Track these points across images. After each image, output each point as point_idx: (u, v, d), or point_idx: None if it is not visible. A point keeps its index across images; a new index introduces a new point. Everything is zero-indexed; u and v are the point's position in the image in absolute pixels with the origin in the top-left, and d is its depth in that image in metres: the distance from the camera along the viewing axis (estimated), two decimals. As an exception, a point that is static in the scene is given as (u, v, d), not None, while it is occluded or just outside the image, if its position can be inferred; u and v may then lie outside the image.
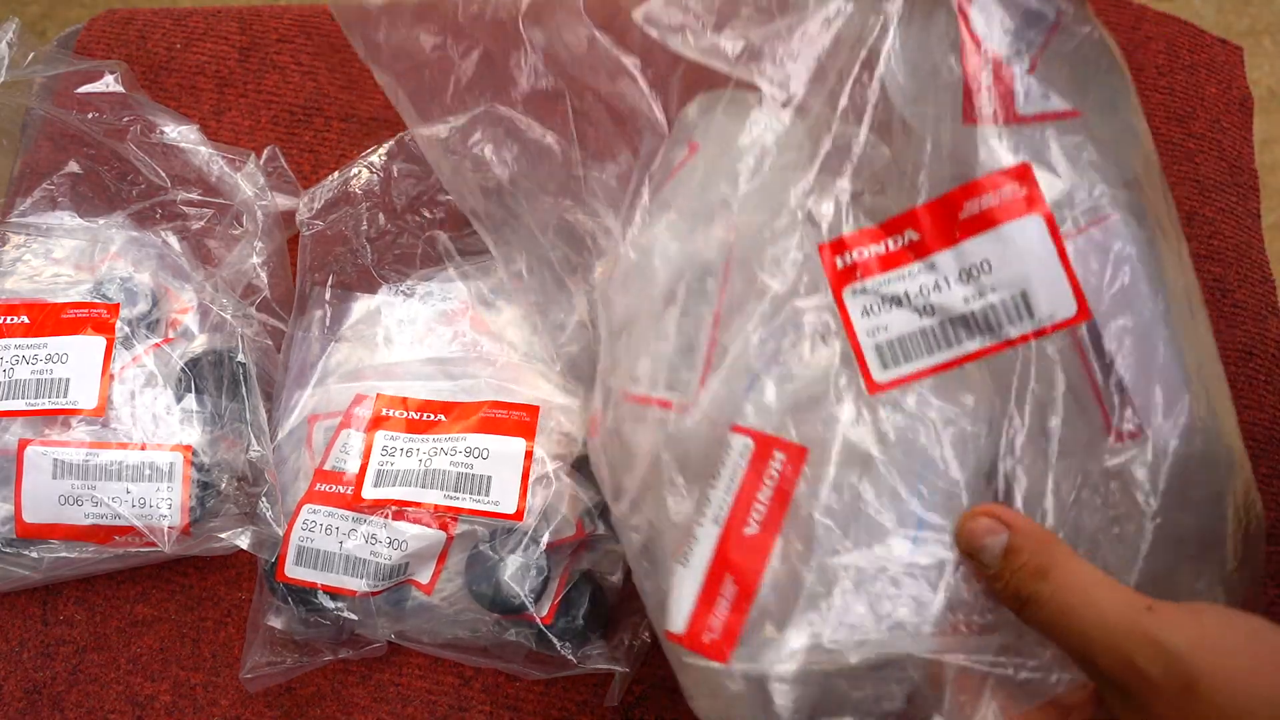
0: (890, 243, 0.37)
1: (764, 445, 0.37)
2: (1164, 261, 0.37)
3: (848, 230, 0.37)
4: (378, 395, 0.51)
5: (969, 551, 0.35)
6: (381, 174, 0.56)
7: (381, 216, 0.56)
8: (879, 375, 0.37)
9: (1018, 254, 0.35)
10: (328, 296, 0.55)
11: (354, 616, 0.49)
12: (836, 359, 0.37)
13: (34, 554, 0.50)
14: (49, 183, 0.57)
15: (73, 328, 0.51)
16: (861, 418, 0.37)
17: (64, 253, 0.54)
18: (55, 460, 0.49)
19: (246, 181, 0.57)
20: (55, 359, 0.51)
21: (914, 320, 0.36)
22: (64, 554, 0.50)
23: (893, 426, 0.37)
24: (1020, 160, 0.35)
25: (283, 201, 0.58)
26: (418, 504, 0.48)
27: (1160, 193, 0.38)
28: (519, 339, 0.53)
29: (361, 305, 0.55)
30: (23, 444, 0.49)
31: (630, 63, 0.45)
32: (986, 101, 0.36)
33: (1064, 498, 0.36)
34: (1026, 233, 0.35)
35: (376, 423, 0.50)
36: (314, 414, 0.52)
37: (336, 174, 0.57)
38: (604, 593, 0.49)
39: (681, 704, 0.50)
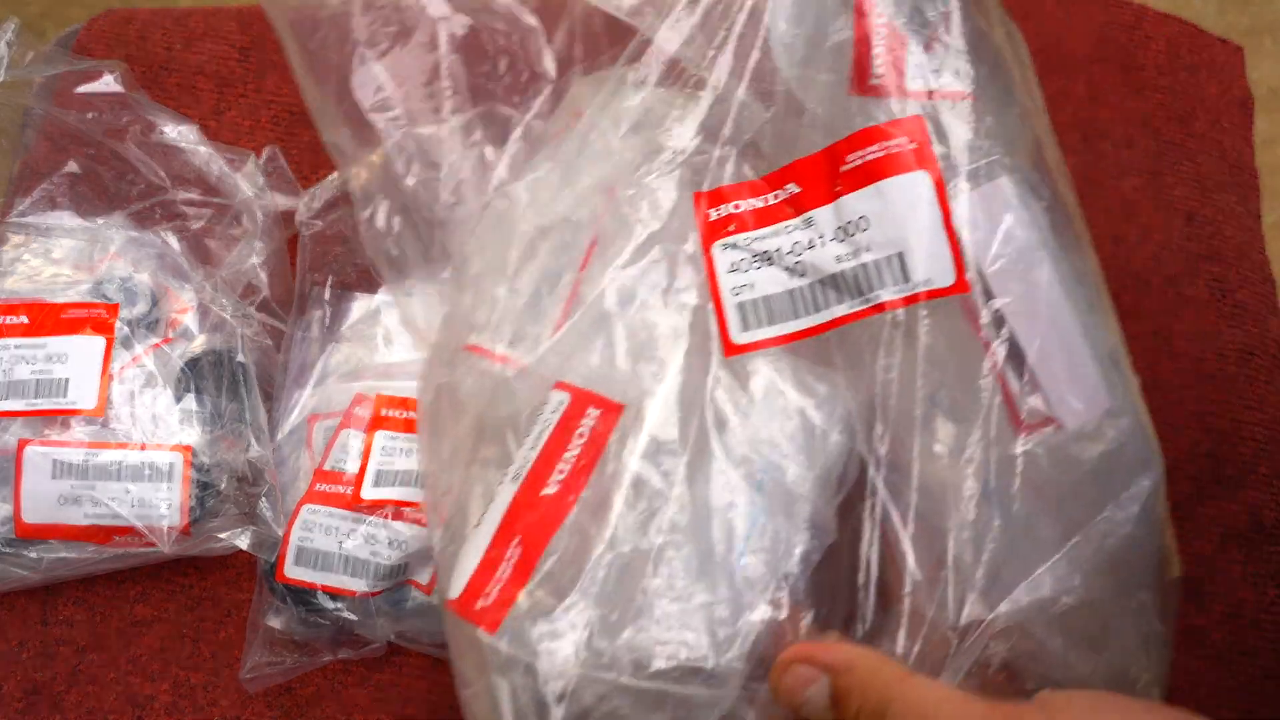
0: (771, 197, 0.34)
1: (579, 400, 0.33)
2: (1066, 240, 0.34)
3: (727, 181, 0.35)
4: (377, 395, 0.51)
5: (792, 710, 0.30)
6: (381, 174, 0.56)
7: (381, 216, 0.56)
8: (738, 336, 0.33)
9: (898, 212, 0.32)
10: (327, 296, 0.55)
11: (354, 617, 0.49)
12: (690, 316, 0.34)
13: (33, 554, 0.50)
14: (48, 182, 0.57)
15: (72, 328, 0.51)
16: (696, 385, 0.33)
17: (63, 253, 0.54)
18: (55, 460, 0.49)
19: (246, 181, 0.57)
20: (55, 359, 0.51)
21: (783, 280, 0.33)
22: (63, 554, 0.50)
23: (733, 402, 0.33)
24: (912, 114, 0.32)
25: (282, 201, 0.58)
26: (417, 504, 0.48)
27: (1065, 184, 0.35)
28: (519, 339, 0.52)
29: (361, 305, 0.55)
30: (22, 444, 0.49)
31: (530, 18, 0.40)
32: (877, 70, 0.33)
33: (960, 497, 0.31)
34: (911, 190, 0.32)
35: (376, 423, 0.50)
36: (314, 414, 0.52)
37: (335, 174, 0.56)
38: (604, 593, 0.49)
39: (681, 704, 0.50)
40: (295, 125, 0.62)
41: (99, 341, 0.51)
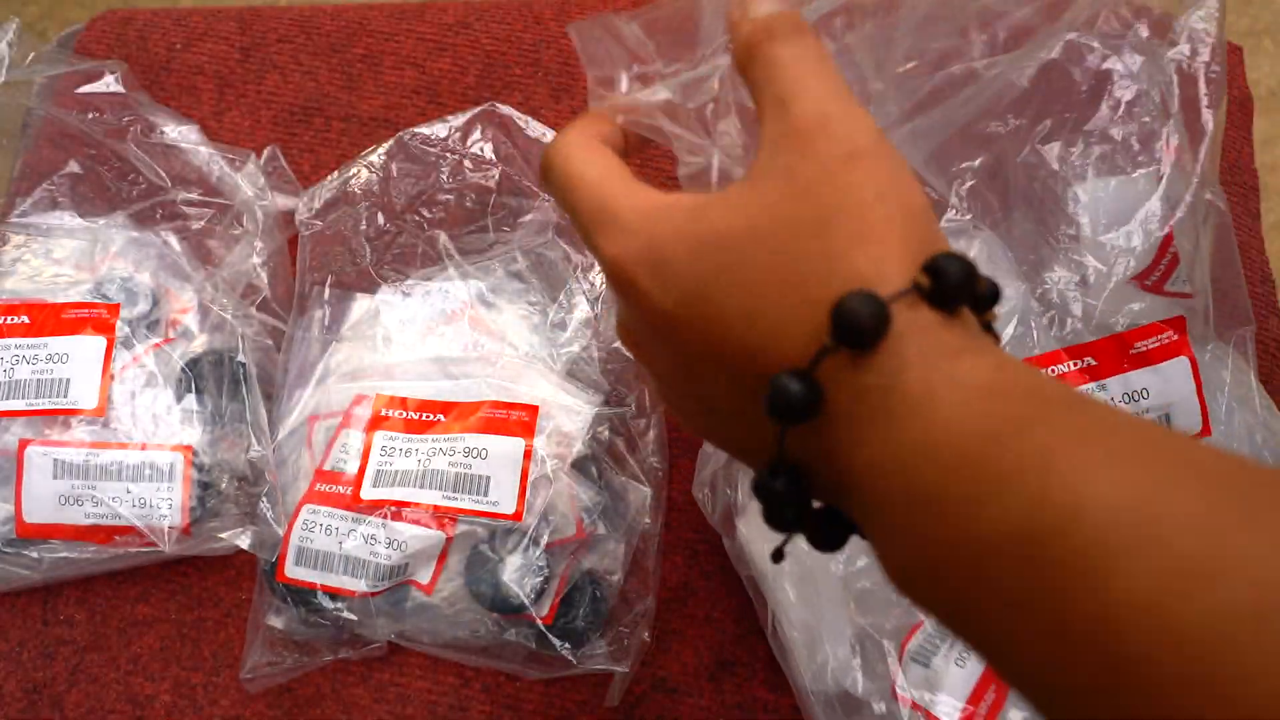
0: (1071, 364, 0.46)
1: None
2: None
3: (1037, 351, 0.46)
4: (377, 395, 0.51)
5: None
6: (380, 174, 0.56)
7: (380, 216, 0.56)
8: None
9: (1168, 385, 0.46)
10: (327, 296, 0.55)
11: (353, 617, 0.49)
12: None
13: (34, 554, 0.50)
14: (49, 183, 0.57)
15: (73, 328, 0.51)
16: None
17: (64, 253, 0.54)
18: (55, 460, 0.49)
19: (246, 181, 0.57)
20: (56, 359, 0.51)
21: None
22: (64, 554, 0.50)
23: None
24: (1177, 315, 0.46)
25: (283, 201, 0.58)
26: (416, 504, 0.48)
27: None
28: (519, 339, 0.52)
29: (361, 305, 0.55)
30: (23, 444, 0.49)
31: None
32: (1154, 277, 0.46)
33: None
34: (1177, 370, 0.46)
35: (376, 423, 0.50)
36: (314, 414, 0.52)
37: (335, 174, 0.57)
38: (604, 593, 0.49)
39: (681, 704, 0.50)
40: (295, 125, 0.62)
41: (100, 341, 0.51)
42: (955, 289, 0.24)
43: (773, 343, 0.25)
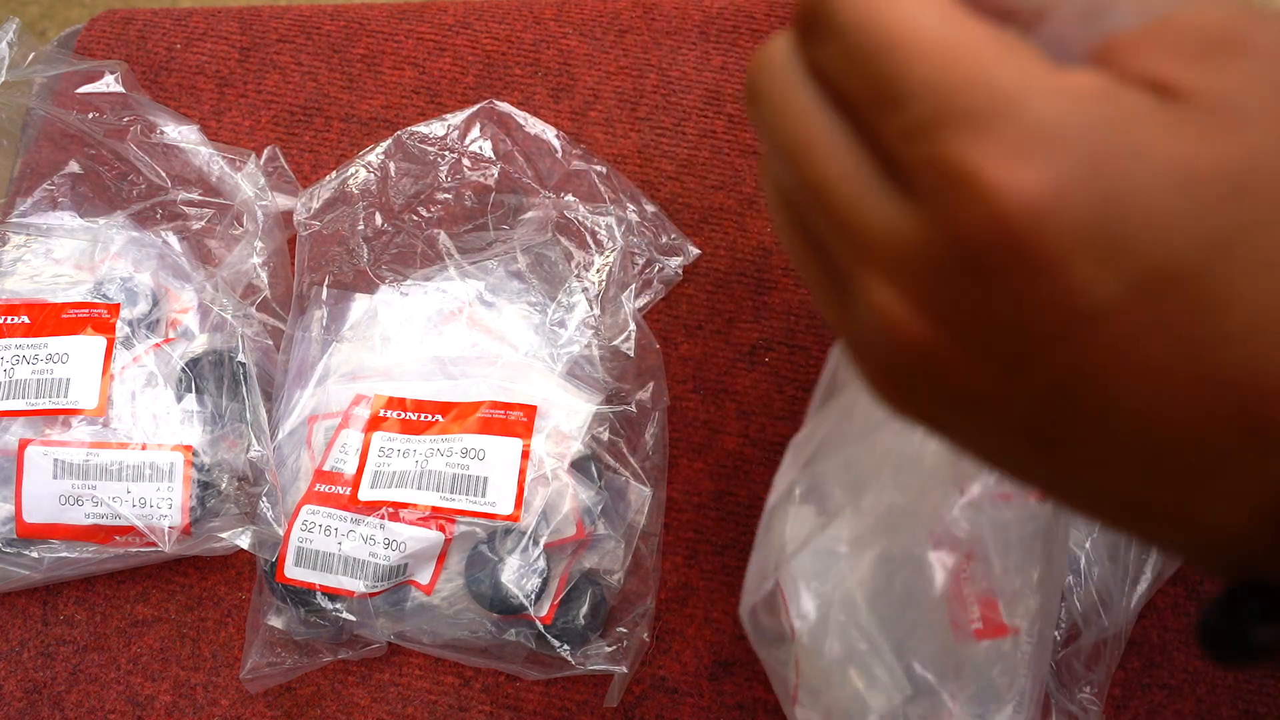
0: None
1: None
2: None
3: None
4: (376, 395, 0.51)
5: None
6: (379, 173, 0.56)
7: (379, 216, 0.56)
8: None
9: None
10: (325, 296, 0.55)
11: (353, 617, 0.49)
12: None
13: (34, 554, 0.50)
14: (49, 183, 0.57)
15: (73, 328, 0.51)
16: None
17: (64, 253, 0.55)
18: (56, 460, 0.49)
19: (247, 181, 0.57)
20: (55, 359, 0.51)
21: None
22: (64, 554, 0.50)
23: None
24: None
25: (283, 201, 0.58)
26: (414, 505, 0.48)
27: None
28: (519, 339, 0.52)
29: (360, 305, 0.55)
30: (23, 444, 0.49)
31: None
32: None
33: None
34: None
35: (374, 423, 0.50)
36: (314, 414, 0.52)
37: (334, 174, 0.56)
38: (604, 593, 0.49)
39: (681, 704, 0.50)
40: (295, 125, 0.62)
41: (100, 341, 0.51)
42: None
43: None
